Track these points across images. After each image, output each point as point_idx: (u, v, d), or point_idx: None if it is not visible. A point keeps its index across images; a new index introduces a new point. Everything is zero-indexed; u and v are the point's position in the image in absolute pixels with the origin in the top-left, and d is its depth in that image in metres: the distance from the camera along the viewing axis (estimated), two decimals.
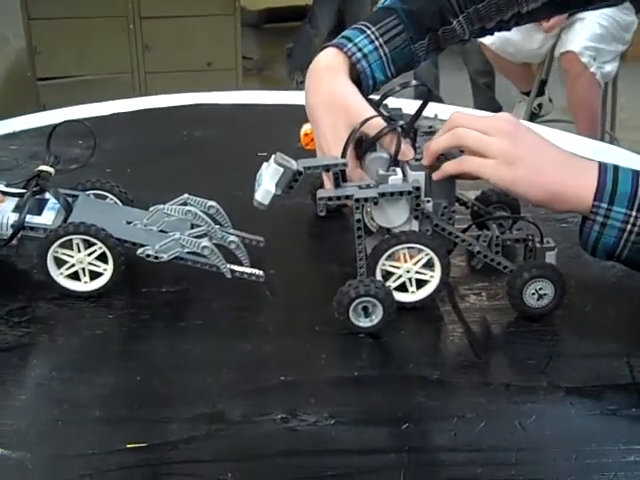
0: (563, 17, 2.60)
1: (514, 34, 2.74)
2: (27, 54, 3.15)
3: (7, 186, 0.83)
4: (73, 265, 0.78)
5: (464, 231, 0.80)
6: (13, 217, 0.79)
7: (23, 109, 1.25)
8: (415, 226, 0.77)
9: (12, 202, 0.81)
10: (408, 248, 0.76)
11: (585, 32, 2.64)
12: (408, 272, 0.77)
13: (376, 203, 0.76)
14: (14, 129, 1.16)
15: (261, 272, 0.80)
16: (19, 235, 0.79)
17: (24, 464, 0.60)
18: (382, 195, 0.75)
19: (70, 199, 0.83)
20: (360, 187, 0.77)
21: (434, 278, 0.77)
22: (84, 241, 0.78)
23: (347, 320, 0.74)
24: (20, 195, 0.81)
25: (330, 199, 0.76)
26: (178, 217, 0.81)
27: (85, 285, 0.79)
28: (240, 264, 0.80)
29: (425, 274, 0.77)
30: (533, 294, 0.76)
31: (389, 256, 0.76)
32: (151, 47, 3.16)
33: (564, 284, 0.76)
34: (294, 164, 0.77)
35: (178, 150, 1.13)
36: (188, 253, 0.79)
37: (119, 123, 1.23)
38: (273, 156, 0.78)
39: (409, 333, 0.76)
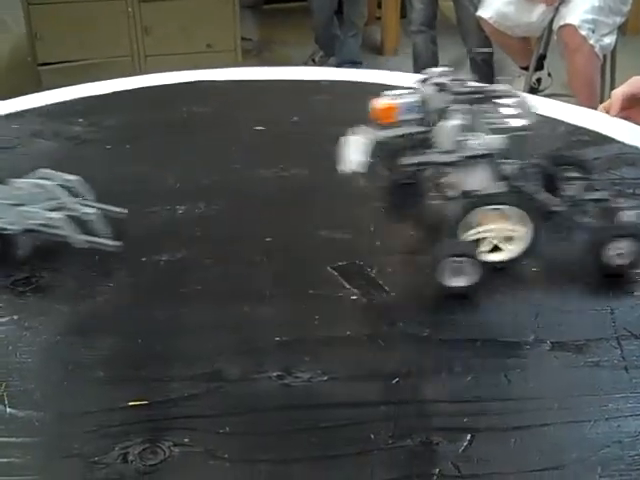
0: None
1: (512, 8, 2.75)
2: (27, 40, 3.17)
3: None
4: None
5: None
6: None
7: (24, 94, 1.27)
8: (496, 188, 0.80)
9: None
10: (493, 209, 0.79)
11: (583, 5, 2.64)
12: (494, 232, 0.79)
13: (457, 167, 0.79)
14: (16, 109, 1.19)
15: (117, 242, 0.82)
16: None
17: (31, 422, 0.63)
18: (463, 159, 0.78)
19: None
20: (441, 152, 0.80)
21: (521, 237, 0.79)
22: None
23: (439, 280, 0.76)
24: None
25: (413, 165, 0.80)
26: (29, 191, 0.83)
27: None
28: (98, 235, 0.82)
29: (513, 232, 0.79)
30: (614, 252, 0.78)
31: (475, 218, 0.79)
32: (150, 30, 3.17)
33: None
34: (375, 135, 0.81)
35: (177, 126, 1.16)
36: (42, 225, 0.81)
37: (119, 101, 1.25)
38: (355, 128, 0.81)
39: (399, 294, 0.78)
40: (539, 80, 3.00)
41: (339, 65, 3.60)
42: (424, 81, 0.84)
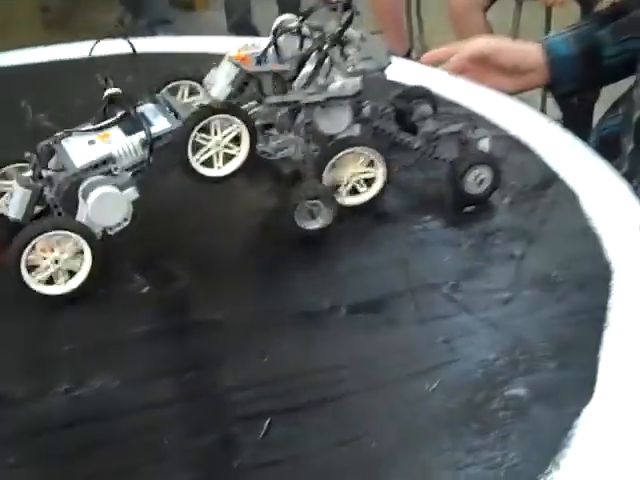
0: None
1: None
2: None
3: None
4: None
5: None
6: (137, 138, 0.74)
7: None
8: (357, 130, 0.81)
9: (117, 133, 0.75)
10: (353, 152, 0.79)
11: None
12: (354, 176, 0.80)
13: (318, 111, 0.78)
14: None
15: None
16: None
17: None
18: (328, 99, 0.78)
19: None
20: (304, 93, 0.79)
21: (379, 177, 0.80)
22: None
23: (294, 223, 0.76)
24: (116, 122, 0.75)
25: (279, 105, 0.78)
26: None
27: None
28: None
29: (371, 173, 0.80)
30: (474, 180, 0.80)
31: (336, 162, 0.79)
32: None
33: (499, 167, 0.81)
34: (245, 67, 0.79)
35: None
36: None
37: None
38: (228, 55, 0.79)
39: (190, 281, 0.75)
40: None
41: (150, 26, 3.47)
42: (278, 29, 0.83)
